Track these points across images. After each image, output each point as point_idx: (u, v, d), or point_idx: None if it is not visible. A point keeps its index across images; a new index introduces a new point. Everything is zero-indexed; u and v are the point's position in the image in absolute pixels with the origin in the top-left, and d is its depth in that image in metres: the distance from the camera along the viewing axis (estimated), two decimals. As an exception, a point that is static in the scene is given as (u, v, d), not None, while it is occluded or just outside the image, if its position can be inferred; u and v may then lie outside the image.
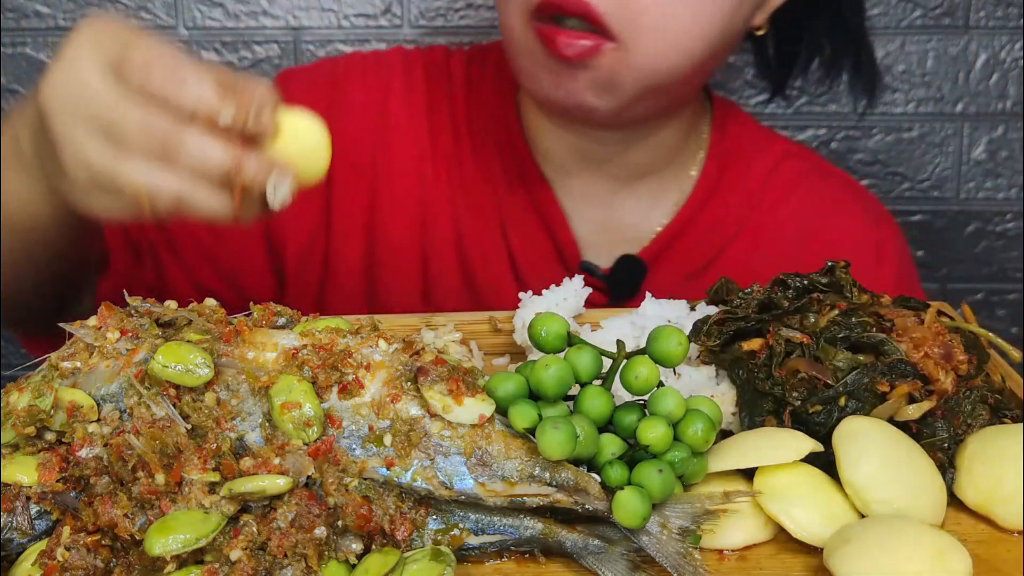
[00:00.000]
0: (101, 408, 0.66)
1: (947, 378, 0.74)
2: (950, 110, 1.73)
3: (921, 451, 0.70)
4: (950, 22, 1.69)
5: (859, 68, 1.22)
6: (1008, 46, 1.70)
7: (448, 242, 1.17)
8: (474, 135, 1.18)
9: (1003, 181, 1.76)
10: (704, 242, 1.18)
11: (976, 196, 1.77)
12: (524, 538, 0.66)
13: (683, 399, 0.67)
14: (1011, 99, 1.72)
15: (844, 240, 1.18)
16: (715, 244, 1.18)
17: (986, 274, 1.81)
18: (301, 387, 0.65)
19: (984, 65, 1.71)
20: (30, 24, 1.68)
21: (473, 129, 1.18)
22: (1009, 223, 1.78)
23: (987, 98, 1.72)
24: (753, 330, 0.79)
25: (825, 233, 1.19)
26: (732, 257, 1.18)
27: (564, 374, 0.66)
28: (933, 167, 1.76)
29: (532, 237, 1.17)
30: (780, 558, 0.66)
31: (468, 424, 0.65)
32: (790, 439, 0.69)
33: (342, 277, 1.18)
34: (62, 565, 0.61)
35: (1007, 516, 0.68)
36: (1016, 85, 1.71)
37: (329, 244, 1.17)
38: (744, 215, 1.19)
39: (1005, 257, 1.80)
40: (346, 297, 1.18)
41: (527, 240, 1.17)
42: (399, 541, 0.63)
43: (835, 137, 1.75)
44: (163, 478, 0.62)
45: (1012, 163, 1.75)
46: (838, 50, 1.21)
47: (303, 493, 0.62)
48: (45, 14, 1.68)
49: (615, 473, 0.65)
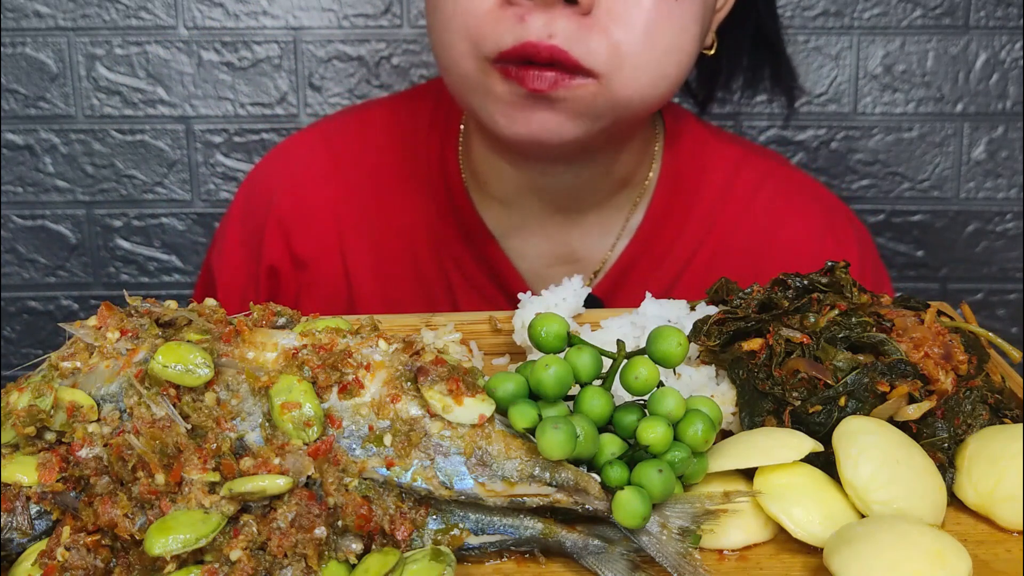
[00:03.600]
0: (101, 408, 0.65)
1: (947, 378, 0.74)
2: (950, 110, 1.73)
3: (921, 451, 0.70)
4: (950, 22, 1.69)
5: (778, 74, 1.22)
6: (1008, 46, 1.70)
7: (392, 297, 1.17)
8: (408, 187, 1.17)
9: (1003, 181, 1.76)
10: (659, 269, 1.15)
11: (976, 196, 1.77)
12: (524, 538, 0.66)
13: (683, 399, 0.67)
14: (1011, 99, 1.72)
15: (800, 247, 1.16)
16: (671, 271, 1.16)
17: (986, 274, 1.81)
18: (301, 387, 0.65)
19: (984, 65, 1.71)
20: (30, 24, 1.68)
21: (408, 181, 1.17)
22: (1009, 223, 1.78)
23: (987, 98, 1.72)
24: (753, 330, 0.79)
25: (781, 243, 1.16)
26: (690, 279, 1.15)
27: (564, 374, 0.66)
28: (933, 167, 1.76)
29: (477, 286, 1.16)
30: (780, 558, 0.66)
31: (468, 424, 0.65)
32: (790, 439, 0.69)
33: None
34: (62, 565, 0.61)
35: (1007, 516, 0.68)
36: (1016, 85, 1.71)
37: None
38: (699, 238, 1.16)
39: (1005, 257, 1.80)
40: None
41: (471, 288, 1.16)
42: (399, 541, 0.63)
43: (835, 137, 1.75)
44: (163, 478, 0.62)
45: (1012, 163, 1.75)
46: (758, 60, 1.20)
47: (303, 493, 0.62)
48: (45, 14, 1.68)
49: (615, 473, 0.65)
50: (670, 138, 1.17)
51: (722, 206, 1.16)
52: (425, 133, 1.17)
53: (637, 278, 1.15)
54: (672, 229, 1.15)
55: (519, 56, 0.93)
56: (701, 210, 1.16)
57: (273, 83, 1.72)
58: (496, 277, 1.15)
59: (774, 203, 1.18)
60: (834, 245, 1.17)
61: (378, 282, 1.17)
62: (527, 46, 0.92)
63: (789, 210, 1.18)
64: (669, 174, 1.15)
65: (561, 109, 0.95)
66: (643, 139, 1.14)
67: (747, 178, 1.18)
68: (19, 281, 1.82)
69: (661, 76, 0.97)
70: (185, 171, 1.76)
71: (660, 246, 1.15)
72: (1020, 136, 1.73)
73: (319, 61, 1.71)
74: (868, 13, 1.69)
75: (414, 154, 1.17)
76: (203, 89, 1.72)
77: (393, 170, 1.17)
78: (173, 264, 1.81)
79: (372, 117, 1.20)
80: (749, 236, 1.16)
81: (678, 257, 1.15)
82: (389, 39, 1.70)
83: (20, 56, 1.69)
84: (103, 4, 1.68)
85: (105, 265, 1.81)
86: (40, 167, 1.75)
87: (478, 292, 1.16)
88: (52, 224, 1.79)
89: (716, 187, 1.17)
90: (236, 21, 1.69)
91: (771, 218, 1.17)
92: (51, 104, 1.72)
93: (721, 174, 1.17)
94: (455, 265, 1.16)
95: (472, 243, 1.15)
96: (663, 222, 1.15)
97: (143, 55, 1.70)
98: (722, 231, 1.16)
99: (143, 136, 1.74)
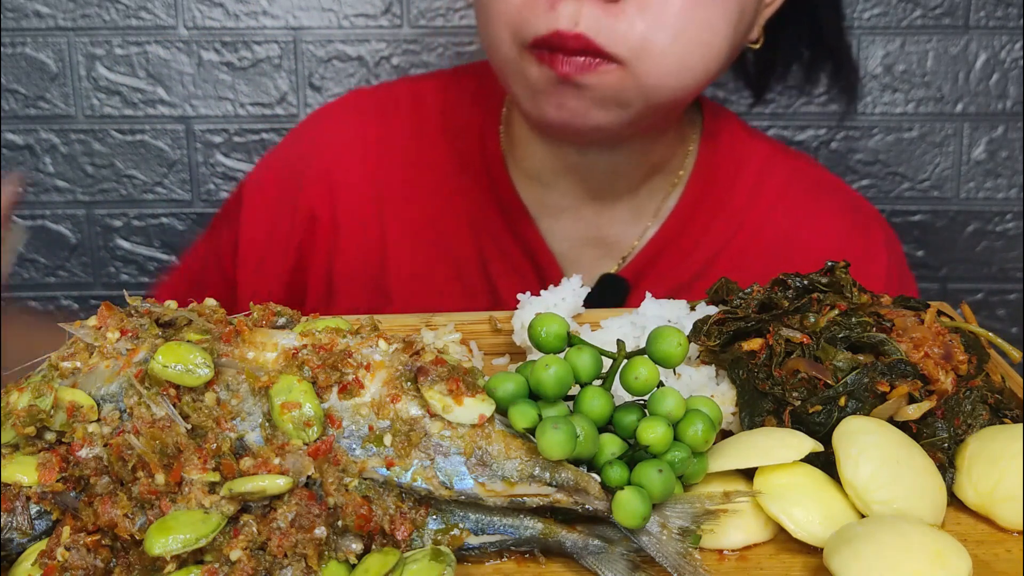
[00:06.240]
0: (101, 408, 0.65)
1: (947, 378, 0.74)
2: (950, 110, 1.73)
3: (921, 451, 0.70)
4: (950, 22, 1.69)
5: (838, 72, 1.22)
6: (1008, 46, 1.70)
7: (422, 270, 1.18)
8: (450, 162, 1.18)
9: (1003, 181, 1.76)
10: (687, 259, 1.17)
11: (976, 196, 1.77)
12: (524, 538, 0.66)
13: (683, 399, 0.67)
14: (1011, 99, 1.72)
15: (828, 246, 1.17)
16: (698, 261, 1.17)
17: (986, 274, 1.81)
18: (301, 387, 0.65)
19: (984, 65, 1.71)
20: (30, 24, 1.68)
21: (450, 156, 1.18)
22: (1009, 223, 1.78)
23: (987, 98, 1.72)
24: (753, 330, 0.79)
25: (810, 244, 1.17)
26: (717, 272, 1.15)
27: (564, 374, 0.66)
28: (933, 167, 1.76)
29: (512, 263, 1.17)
30: (780, 558, 0.66)
31: (468, 424, 0.65)
32: (790, 439, 0.69)
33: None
34: (62, 565, 0.61)
35: (1007, 516, 0.68)
36: (1016, 85, 1.71)
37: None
38: (729, 233, 1.17)
39: (1005, 257, 1.80)
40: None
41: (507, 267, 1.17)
42: (399, 541, 0.63)
43: (835, 137, 1.75)
44: (163, 478, 0.62)
45: (1012, 163, 1.75)
46: (817, 55, 1.21)
47: (303, 493, 0.62)
48: (45, 14, 1.68)
49: (615, 473, 0.65)
50: (708, 132, 1.19)
51: (753, 201, 1.19)
52: (468, 110, 1.20)
53: (664, 266, 1.17)
54: (703, 220, 1.17)
55: (550, 44, 0.97)
56: (733, 204, 1.18)
57: (273, 83, 1.72)
58: (531, 255, 1.17)
59: (803, 201, 1.20)
60: (863, 246, 1.19)
61: (412, 252, 1.19)
62: (556, 35, 0.96)
63: (818, 209, 1.20)
64: (704, 166, 1.18)
65: (589, 95, 0.98)
66: (678, 130, 1.17)
67: (778, 176, 1.20)
68: (19, 281, 1.82)
69: (685, 68, 0.99)
70: (185, 171, 1.76)
71: (690, 236, 1.17)
72: (1020, 136, 1.73)
73: (319, 61, 1.71)
74: (868, 13, 1.69)
75: (457, 130, 1.20)
76: (203, 89, 1.72)
77: (438, 145, 1.20)
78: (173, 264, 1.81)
79: (424, 91, 1.23)
80: (778, 232, 1.18)
81: (707, 248, 1.17)
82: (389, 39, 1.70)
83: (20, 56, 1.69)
84: (103, 4, 1.67)
85: (105, 265, 1.81)
86: (40, 167, 1.75)
87: (512, 268, 1.18)
88: (52, 224, 1.79)
89: (748, 182, 1.19)
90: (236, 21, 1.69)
91: (800, 216, 1.19)
92: (51, 104, 1.72)
93: (753, 169, 1.20)
94: (491, 240, 1.18)
95: (509, 220, 1.17)
96: (694, 213, 1.17)
97: (143, 55, 1.70)
98: (752, 226, 1.18)
99: (143, 136, 1.74)
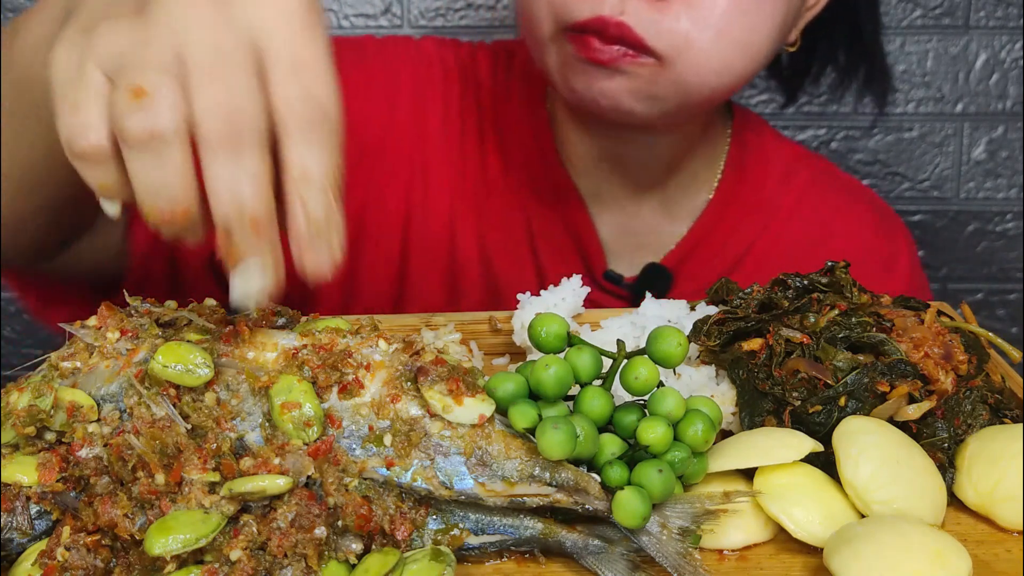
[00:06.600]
0: (101, 408, 0.65)
1: (947, 378, 0.74)
2: (950, 110, 1.73)
3: (921, 451, 0.70)
4: (950, 22, 1.69)
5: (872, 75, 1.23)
6: (1008, 46, 1.70)
7: (473, 249, 1.17)
8: (502, 140, 1.18)
9: (1003, 181, 1.76)
10: (722, 252, 1.19)
11: (976, 196, 1.77)
12: (524, 538, 0.66)
13: (683, 399, 0.67)
14: (1011, 99, 1.72)
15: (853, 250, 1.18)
16: (732, 254, 1.19)
17: (986, 274, 1.81)
18: (301, 387, 0.65)
19: (984, 65, 1.71)
20: (30, 24, 1.68)
21: (501, 134, 1.18)
22: (1009, 223, 1.78)
23: (987, 98, 1.72)
24: (753, 330, 0.79)
25: (835, 242, 1.19)
26: (748, 268, 1.18)
27: (564, 374, 0.66)
28: (933, 167, 1.76)
29: (559, 245, 1.18)
30: (780, 558, 0.66)
31: (468, 424, 0.65)
32: (790, 439, 0.69)
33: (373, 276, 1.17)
34: (62, 565, 0.61)
35: (1007, 516, 0.68)
36: (1016, 85, 1.71)
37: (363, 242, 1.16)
38: (760, 225, 1.19)
39: (1005, 257, 1.80)
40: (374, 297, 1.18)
41: (554, 249, 1.18)
42: (399, 541, 0.63)
43: (835, 137, 1.75)
44: (163, 478, 0.62)
45: (1012, 163, 1.75)
46: (854, 59, 1.22)
47: (303, 493, 0.62)
48: (45, 14, 1.67)
49: (615, 473, 0.65)
50: (737, 132, 1.21)
51: (780, 199, 1.20)
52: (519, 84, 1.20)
53: (696, 263, 1.18)
54: (734, 216, 1.19)
55: (591, 28, 0.97)
56: (762, 200, 1.20)
57: (273, 83, 1.72)
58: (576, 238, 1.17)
59: (828, 199, 1.22)
60: (887, 246, 1.21)
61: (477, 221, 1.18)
62: (598, 20, 0.96)
63: (842, 207, 1.22)
64: (735, 164, 1.19)
65: (621, 81, 0.99)
66: (712, 127, 1.18)
67: (804, 175, 1.22)
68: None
69: (726, 67, 0.99)
70: (185, 171, 1.76)
71: (720, 235, 1.19)
72: (1020, 136, 1.73)
73: (319, 61, 1.70)
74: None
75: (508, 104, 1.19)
76: (203, 89, 1.71)
77: (492, 115, 1.20)
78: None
79: (479, 58, 1.22)
80: (805, 229, 1.20)
81: (739, 243, 1.19)
82: (389, 39, 1.70)
83: (20, 56, 1.69)
84: (103, 4, 1.67)
85: (105, 265, 1.81)
86: (40, 167, 1.75)
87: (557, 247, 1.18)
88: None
89: (775, 180, 1.21)
90: (236, 21, 1.69)
91: (826, 213, 1.21)
92: (51, 104, 1.72)
93: (780, 167, 1.22)
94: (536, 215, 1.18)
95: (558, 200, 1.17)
96: (726, 209, 1.19)
97: (143, 55, 1.70)
98: (780, 223, 1.20)
99: (143, 136, 1.74)
